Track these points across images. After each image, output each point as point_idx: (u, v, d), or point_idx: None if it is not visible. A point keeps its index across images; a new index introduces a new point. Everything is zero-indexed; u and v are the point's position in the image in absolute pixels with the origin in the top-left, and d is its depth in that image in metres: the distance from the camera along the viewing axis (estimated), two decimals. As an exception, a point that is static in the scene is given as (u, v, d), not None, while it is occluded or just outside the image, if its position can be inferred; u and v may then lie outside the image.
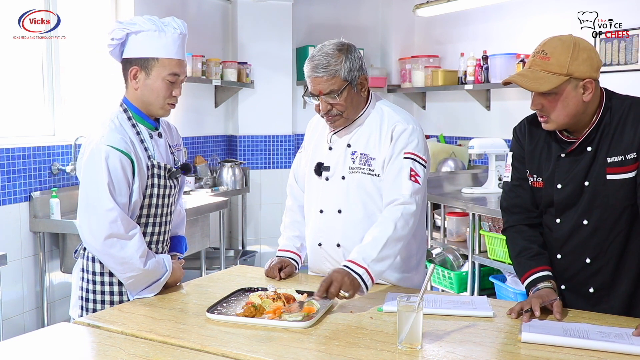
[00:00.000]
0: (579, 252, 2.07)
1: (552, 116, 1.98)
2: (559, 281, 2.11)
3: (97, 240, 2.05)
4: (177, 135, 2.41)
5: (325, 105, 2.21)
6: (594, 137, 2.00)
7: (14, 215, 3.67)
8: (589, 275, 2.08)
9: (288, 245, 2.48)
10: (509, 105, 5.19)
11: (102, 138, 2.07)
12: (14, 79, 3.83)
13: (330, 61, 2.16)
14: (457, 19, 5.62)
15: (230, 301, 2.07)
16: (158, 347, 1.71)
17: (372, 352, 1.67)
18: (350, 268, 2.05)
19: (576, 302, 2.10)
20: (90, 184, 2.07)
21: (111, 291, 2.17)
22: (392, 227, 2.12)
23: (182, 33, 2.17)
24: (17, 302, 3.70)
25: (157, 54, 2.12)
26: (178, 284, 2.29)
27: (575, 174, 2.03)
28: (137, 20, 2.14)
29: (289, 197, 2.56)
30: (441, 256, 4.77)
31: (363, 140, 2.27)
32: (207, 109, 5.55)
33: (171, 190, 2.25)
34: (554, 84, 1.93)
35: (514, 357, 1.66)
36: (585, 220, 2.04)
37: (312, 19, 5.99)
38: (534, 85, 1.95)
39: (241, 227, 5.68)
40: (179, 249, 2.43)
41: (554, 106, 1.96)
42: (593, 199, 2.01)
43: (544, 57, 1.96)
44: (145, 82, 2.14)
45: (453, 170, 5.25)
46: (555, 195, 2.07)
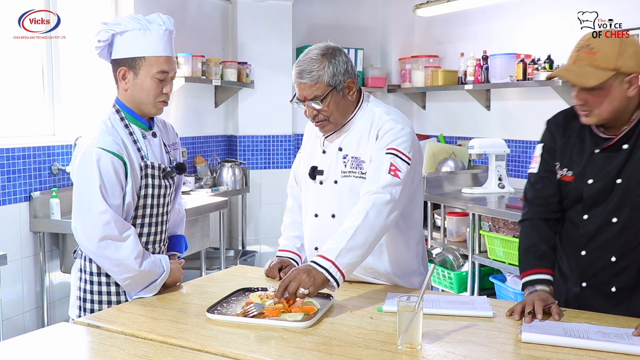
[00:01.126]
0: (605, 249, 2.05)
1: (596, 111, 1.96)
2: (582, 278, 2.10)
3: (91, 243, 2.05)
4: (174, 133, 2.39)
5: (311, 110, 2.20)
6: (632, 134, 1.99)
7: (14, 215, 3.67)
8: (612, 274, 2.06)
9: (288, 246, 2.48)
10: (509, 105, 5.19)
11: (94, 140, 2.07)
12: (14, 79, 3.83)
13: (313, 67, 2.15)
14: (457, 19, 5.62)
15: (230, 301, 2.07)
16: (158, 347, 1.71)
17: (372, 352, 1.67)
18: (317, 263, 2.00)
19: (596, 301, 2.08)
20: (83, 187, 2.07)
21: (109, 291, 2.17)
22: (362, 216, 2.06)
23: (168, 29, 2.14)
24: (17, 302, 3.70)
25: (144, 52, 2.10)
26: (178, 284, 2.29)
27: (608, 170, 2.01)
28: (122, 20, 2.11)
29: (290, 198, 2.55)
30: (441, 256, 4.77)
31: (354, 144, 2.25)
32: (207, 109, 5.55)
33: (166, 190, 2.23)
34: (602, 79, 1.89)
35: (514, 357, 1.66)
36: (614, 218, 2.02)
37: (312, 19, 5.99)
38: (581, 80, 1.92)
39: (241, 227, 5.68)
40: (178, 248, 2.42)
41: (598, 102, 1.94)
42: (625, 197, 2.00)
43: (590, 52, 1.92)
44: (134, 81, 2.12)
45: (453, 170, 5.25)
46: (585, 191, 2.05)
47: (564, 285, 2.18)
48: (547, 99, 4.73)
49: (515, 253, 4.05)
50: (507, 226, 4.17)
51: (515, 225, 4.12)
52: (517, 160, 5.10)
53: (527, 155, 4.99)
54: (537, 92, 4.84)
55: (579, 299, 2.13)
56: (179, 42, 5.00)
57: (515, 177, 5.08)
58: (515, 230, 4.11)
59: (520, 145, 5.06)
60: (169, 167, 2.24)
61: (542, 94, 4.79)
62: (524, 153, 5.02)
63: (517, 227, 4.11)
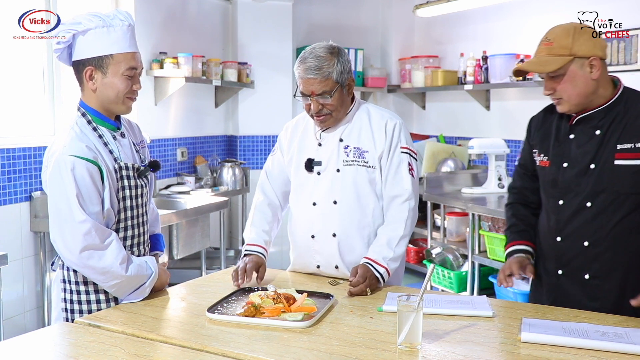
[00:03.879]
0: (579, 235, 2.12)
1: (564, 97, 2.10)
2: (557, 266, 2.19)
3: (72, 254, 1.98)
4: (140, 132, 2.32)
5: (317, 105, 2.29)
6: (604, 122, 2.08)
7: (15, 215, 3.68)
8: (586, 260, 2.12)
9: (257, 240, 2.46)
10: (509, 105, 5.19)
11: (65, 148, 1.99)
12: (14, 79, 3.83)
13: (323, 63, 2.26)
14: (457, 19, 5.62)
15: (230, 301, 2.07)
16: (158, 347, 1.72)
17: (372, 352, 1.67)
18: (373, 267, 2.25)
19: (572, 289, 2.14)
20: (59, 197, 1.99)
21: (98, 299, 2.09)
22: (403, 226, 2.33)
23: (131, 24, 2.08)
24: (18, 301, 3.70)
25: (110, 50, 2.03)
26: (165, 287, 2.23)
27: (581, 154, 2.10)
28: (82, 19, 2.04)
29: (260, 194, 2.56)
30: (441, 256, 4.78)
31: (355, 135, 2.39)
32: (207, 109, 5.56)
33: (143, 189, 2.17)
34: (559, 64, 2.05)
35: (514, 357, 1.66)
36: (588, 202, 2.09)
37: (312, 19, 5.99)
38: (540, 67, 2.10)
39: (241, 227, 5.67)
40: (159, 247, 2.36)
41: (564, 88, 2.08)
42: (598, 182, 2.06)
43: (547, 43, 2.10)
44: (103, 81, 2.05)
45: (453, 170, 5.25)
46: (560, 175, 2.15)
47: (545, 277, 2.25)
48: (547, 99, 4.72)
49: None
50: (507, 226, 4.17)
51: (515, 225, 4.12)
52: (516, 160, 5.10)
53: (527, 155, 4.99)
54: (536, 92, 4.84)
55: (556, 289, 2.19)
56: (180, 42, 5.04)
57: (515, 177, 5.08)
58: (515, 230, 4.12)
59: (519, 145, 5.05)
60: (142, 165, 2.18)
61: (541, 94, 4.78)
62: (524, 153, 5.02)
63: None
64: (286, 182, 2.52)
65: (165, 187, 4.90)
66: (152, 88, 4.76)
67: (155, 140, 4.79)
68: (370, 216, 2.36)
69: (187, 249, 4.32)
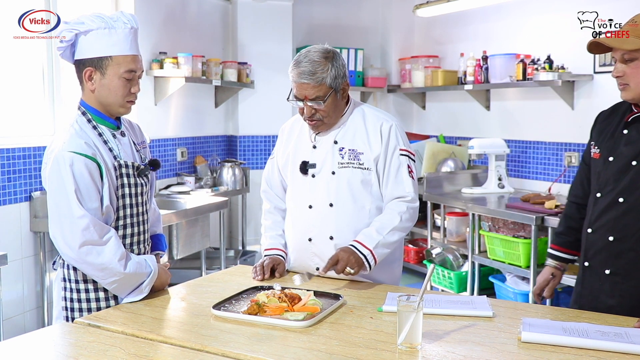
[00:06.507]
0: (607, 229, 2.12)
1: (632, 84, 2.05)
2: (585, 258, 2.20)
3: (72, 250, 1.99)
4: (141, 133, 2.33)
5: (310, 109, 2.29)
6: None
7: (15, 215, 3.68)
8: (609, 255, 2.11)
9: (274, 244, 2.51)
10: (509, 105, 5.19)
11: (64, 145, 2.01)
12: (14, 79, 3.83)
13: (317, 68, 2.24)
14: (457, 19, 5.62)
15: (240, 299, 2.08)
16: (158, 347, 1.72)
17: (372, 352, 1.67)
18: (357, 248, 2.23)
19: (594, 283, 2.16)
20: (58, 193, 2.01)
21: (97, 297, 2.10)
22: (398, 218, 2.31)
23: (134, 27, 2.09)
24: (18, 302, 3.70)
25: (110, 52, 2.05)
26: (165, 287, 2.23)
27: (628, 150, 2.08)
28: (85, 19, 2.06)
29: (266, 202, 2.62)
30: (441, 256, 4.78)
31: (349, 137, 2.37)
32: (207, 109, 5.56)
33: (143, 188, 2.18)
34: (638, 45, 1.99)
35: (514, 357, 1.66)
36: (621, 198, 2.08)
37: (312, 19, 5.99)
38: (619, 43, 2.03)
39: (241, 227, 5.68)
40: (160, 247, 2.37)
41: (633, 72, 2.03)
42: (635, 178, 2.05)
43: (633, 24, 2.04)
44: (101, 82, 2.06)
45: (453, 170, 5.25)
46: (604, 168, 2.14)
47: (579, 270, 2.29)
48: (547, 99, 4.74)
49: (514, 253, 4.05)
50: (507, 226, 4.17)
51: (514, 225, 4.13)
52: (516, 161, 5.10)
53: (527, 155, 4.99)
54: (536, 92, 4.84)
55: (582, 281, 2.21)
56: (180, 42, 5.04)
57: (515, 177, 5.09)
58: (515, 230, 4.12)
59: (520, 145, 5.06)
60: (142, 164, 2.19)
61: (541, 94, 4.79)
62: (524, 153, 5.02)
63: (516, 227, 4.12)
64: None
65: (165, 187, 4.90)
66: (152, 88, 4.76)
67: (155, 140, 4.79)
68: (366, 218, 2.35)
69: (187, 249, 4.32)
